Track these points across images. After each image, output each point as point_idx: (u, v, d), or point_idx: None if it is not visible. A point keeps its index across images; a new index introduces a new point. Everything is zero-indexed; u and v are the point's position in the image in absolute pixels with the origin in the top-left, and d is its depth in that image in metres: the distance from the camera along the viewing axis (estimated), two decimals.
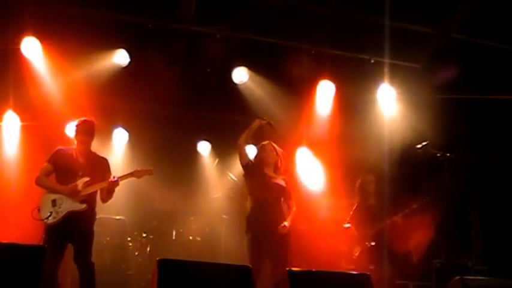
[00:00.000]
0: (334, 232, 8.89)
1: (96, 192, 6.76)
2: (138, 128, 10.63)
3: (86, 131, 6.84)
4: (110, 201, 6.89)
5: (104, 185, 6.71)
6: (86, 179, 6.63)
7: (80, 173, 6.66)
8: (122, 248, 9.73)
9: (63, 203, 6.51)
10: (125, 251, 9.77)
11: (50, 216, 6.43)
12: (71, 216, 6.49)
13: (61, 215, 6.46)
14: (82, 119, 6.91)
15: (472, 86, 9.26)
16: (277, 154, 7.37)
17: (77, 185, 6.54)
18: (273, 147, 7.40)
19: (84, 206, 6.57)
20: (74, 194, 6.53)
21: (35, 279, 4.67)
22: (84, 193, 6.58)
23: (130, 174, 6.97)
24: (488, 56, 8.92)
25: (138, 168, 7.10)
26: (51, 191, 6.59)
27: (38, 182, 6.67)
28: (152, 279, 5.04)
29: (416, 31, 9.11)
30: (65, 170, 6.70)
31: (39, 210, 6.51)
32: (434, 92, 9.71)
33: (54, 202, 6.52)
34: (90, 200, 6.69)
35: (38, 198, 6.63)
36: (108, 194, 6.82)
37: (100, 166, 6.89)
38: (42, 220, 6.43)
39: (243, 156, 7.31)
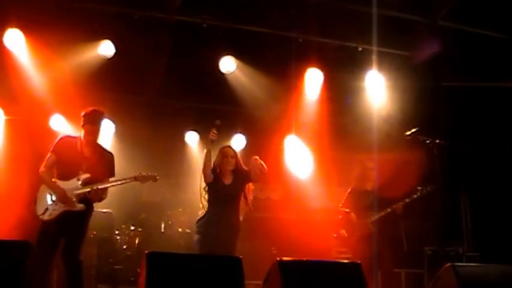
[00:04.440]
0: (323, 220, 8.87)
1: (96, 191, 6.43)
2: (125, 120, 10.54)
3: (95, 121, 6.56)
4: None
5: (102, 186, 6.43)
6: (87, 175, 6.37)
7: (84, 167, 6.39)
8: (109, 241, 9.65)
9: (58, 200, 6.31)
10: (113, 245, 9.70)
11: (45, 213, 6.25)
12: (66, 215, 6.26)
13: (56, 213, 6.24)
14: (91, 108, 6.61)
15: (460, 73, 9.26)
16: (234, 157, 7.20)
17: (65, 193, 6.26)
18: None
19: (81, 206, 6.32)
20: (65, 201, 6.26)
21: (19, 275, 4.60)
22: (81, 193, 6.32)
23: (134, 178, 6.68)
24: (477, 43, 8.92)
25: (143, 173, 6.77)
26: (49, 188, 6.35)
27: (41, 176, 6.38)
28: (141, 273, 4.98)
29: (404, 18, 9.07)
30: (67, 162, 6.41)
31: (35, 203, 6.31)
32: (423, 79, 9.72)
33: (52, 196, 6.31)
34: (87, 200, 6.44)
35: (22, 193, 6.49)
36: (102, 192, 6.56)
37: (105, 161, 6.62)
38: (38, 216, 6.25)
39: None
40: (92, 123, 6.54)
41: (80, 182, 6.35)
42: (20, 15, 8.41)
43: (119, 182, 6.60)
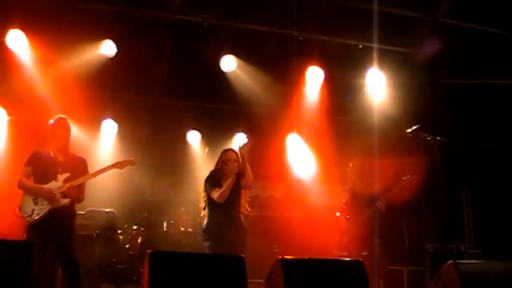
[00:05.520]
0: (326, 219, 8.87)
1: (76, 188, 6.65)
2: (127, 119, 10.57)
3: (63, 125, 6.77)
4: (99, 194, 6.83)
5: (84, 179, 6.68)
6: (67, 174, 6.59)
7: (60, 169, 6.61)
8: (112, 241, 9.65)
9: (45, 199, 6.47)
10: (116, 244, 9.70)
11: (32, 213, 6.40)
12: (53, 212, 6.44)
13: (44, 211, 6.42)
14: (57, 116, 6.84)
15: (461, 70, 9.26)
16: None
17: (51, 190, 6.46)
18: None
19: (66, 200, 6.52)
20: (51, 198, 6.45)
21: (24, 275, 4.61)
22: (63, 189, 6.51)
23: (112, 166, 6.92)
24: (478, 40, 8.91)
25: (120, 160, 7.07)
26: (32, 193, 6.51)
27: (19, 186, 6.59)
28: (144, 272, 5.00)
29: (404, 16, 9.07)
30: (44, 169, 6.63)
31: (20, 209, 6.47)
32: (423, 77, 9.72)
33: (35, 200, 6.48)
34: (71, 195, 6.62)
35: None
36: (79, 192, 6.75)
37: (78, 164, 6.82)
38: (25, 218, 6.40)
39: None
40: (62, 128, 6.76)
41: (60, 181, 6.55)
42: (22, 16, 8.42)
43: (99, 172, 6.80)
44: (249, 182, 6.97)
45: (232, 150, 7.18)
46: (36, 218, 6.38)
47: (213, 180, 6.97)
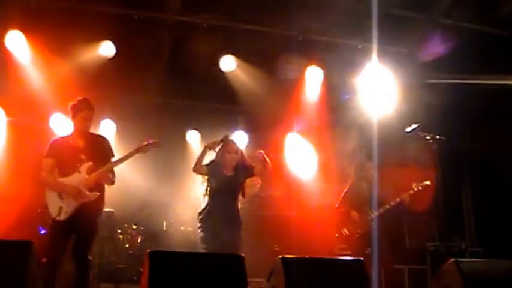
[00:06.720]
0: (326, 218, 8.87)
1: (101, 176, 6.36)
2: (126, 119, 10.58)
3: (89, 106, 6.46)
4: None
5: (108, 168, 6.36)
6: (89, 163, 6.30)
7: (82, 157, 6.33)
8: (112, 240, 9.67)
9: (70, 196, 6.23)
10: (115, 244, 9.71)
11: (60, 212, 6.18)
12: (80, 209, 6.21)
13: (71, 209, 6.19)
14: (78, 98, 6.50)
15: (461, 70, 9.25)
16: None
17: (75, 186, 6.20)
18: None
19: (92, 194, 6.26)
20: (76, 195, 6.20)
21: (20, 275, 4.60)
22: (89, 182, 6.26)
23: (136, 151, 6.58)
24: (477, 39, 8.90)
25: (142, 144, 6.67)
26: (55, 190, 6.27)
27: (43, 181, 6.35)
28: (143, 272, 4.99)
29: (404, 15, 9.06)
30: (66, 159, 6.34)
31: (47, 208, 6.25)
32: (423, 77, 9.71)
33: (61, 195, 6.23)
34: (99, 188, 6.40)
35: (25, 194, 6.48)
36: (107, 178, 6.48)
37: (100, 146, 6.56)
38: (55, 218, 6.18)
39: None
40: (87, 108, 6.47)
41: (83, 173, 6.29)
42: (22, 17, 8.41)
43: (122, 159, 6.52)
44: (266, 170, 7.07)
45: (233, 142, 7.32)
46: (64, 216, 6.18)
47: (212, 162, 7.07)
